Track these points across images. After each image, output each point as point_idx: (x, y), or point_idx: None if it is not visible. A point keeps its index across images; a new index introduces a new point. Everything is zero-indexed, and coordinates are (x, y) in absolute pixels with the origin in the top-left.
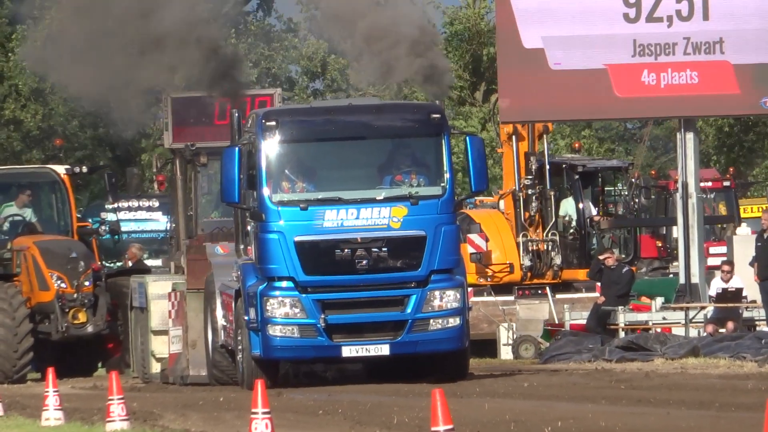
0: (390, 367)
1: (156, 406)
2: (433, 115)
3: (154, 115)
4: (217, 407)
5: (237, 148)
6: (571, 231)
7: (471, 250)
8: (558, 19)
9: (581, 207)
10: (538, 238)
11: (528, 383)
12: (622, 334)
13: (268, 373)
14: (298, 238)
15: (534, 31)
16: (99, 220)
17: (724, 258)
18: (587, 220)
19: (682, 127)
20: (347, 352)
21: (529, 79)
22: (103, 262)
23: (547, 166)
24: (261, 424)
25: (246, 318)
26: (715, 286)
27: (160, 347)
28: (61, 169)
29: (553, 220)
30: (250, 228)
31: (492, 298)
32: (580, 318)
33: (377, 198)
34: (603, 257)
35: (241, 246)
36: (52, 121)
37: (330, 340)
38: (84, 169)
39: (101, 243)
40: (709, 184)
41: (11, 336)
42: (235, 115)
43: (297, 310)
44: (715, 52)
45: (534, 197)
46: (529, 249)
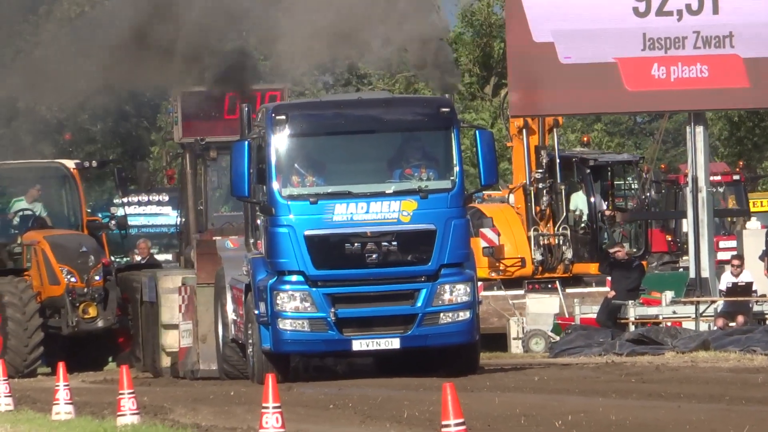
0: (400, 361)
1: (166, 400)
2: (443, 109)
3: (165, 109)
4: (227, 401)
5: (247, 143)
6: (582, 225)
7: (483, 244)
8: (568, 13)
9: (593, 201)
10: (549, 233)
11: (538, 377)
12: (632, 328)
13: (278, 367)
14: (308, 232)
15: (544, 26)
16: (108, 214)
17: (734, 252)
18: (598, 214)
19: (692, 121)
20: (357, 345)
21: (539, 73)
22: (112, 257)
23: (557, 160)
24: (272, 418)
25: (256, 312)
26: (725, 280)
27: (171, 341)
28: (71, 164)
29: (564, 215)
30: (259, 222)
31: (502, 293)
32: (591, 312)
33: (387, 192)
34: (613, 251)
35: (251, 240)
36: (64, 113)
37: (340, 333)
38: (94, 163)
39: (109, 237)
40: (719, 177)
41: (22, 330)
42: (245, 109)
43: (307, 304)
44: (725, 45)
45: (545, 191)
46: (540, 243)
